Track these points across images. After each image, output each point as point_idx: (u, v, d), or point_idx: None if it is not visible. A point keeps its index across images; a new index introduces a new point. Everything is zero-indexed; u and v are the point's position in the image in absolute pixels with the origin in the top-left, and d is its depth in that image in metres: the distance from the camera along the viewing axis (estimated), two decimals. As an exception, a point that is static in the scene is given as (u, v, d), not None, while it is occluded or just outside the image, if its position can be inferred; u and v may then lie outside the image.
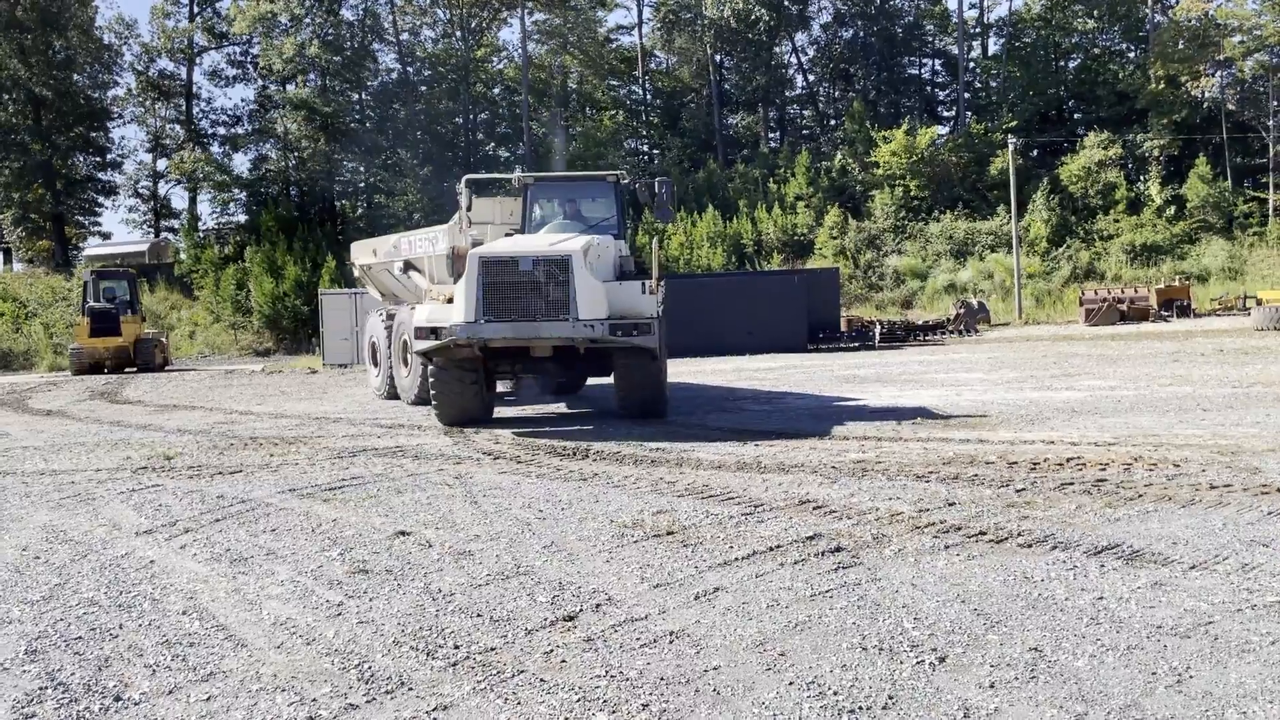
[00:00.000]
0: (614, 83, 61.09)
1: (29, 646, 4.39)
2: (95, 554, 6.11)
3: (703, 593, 4.84)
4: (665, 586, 4.96)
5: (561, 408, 14.25)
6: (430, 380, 11.75)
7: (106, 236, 58.38)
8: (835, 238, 45.00)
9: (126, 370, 29.92)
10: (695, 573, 5.18)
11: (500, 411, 13.29)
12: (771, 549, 5.59)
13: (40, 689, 3.90)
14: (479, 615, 4.63)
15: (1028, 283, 39.98)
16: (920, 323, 33.16)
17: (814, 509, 6.57)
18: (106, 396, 20.20)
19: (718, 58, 57.04)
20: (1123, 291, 35.73)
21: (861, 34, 57.48)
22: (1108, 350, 21.87)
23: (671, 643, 4.19)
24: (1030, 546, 5.43)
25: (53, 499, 8.04)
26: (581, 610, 4.64)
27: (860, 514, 6.36)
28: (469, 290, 10.57)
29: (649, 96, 61.20)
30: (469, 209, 13.19)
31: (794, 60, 60.37)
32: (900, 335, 30.88)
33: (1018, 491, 6.89)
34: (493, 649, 4.18)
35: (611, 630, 4.35)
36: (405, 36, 56.03)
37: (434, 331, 10.88)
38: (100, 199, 57.90)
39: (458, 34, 55.43)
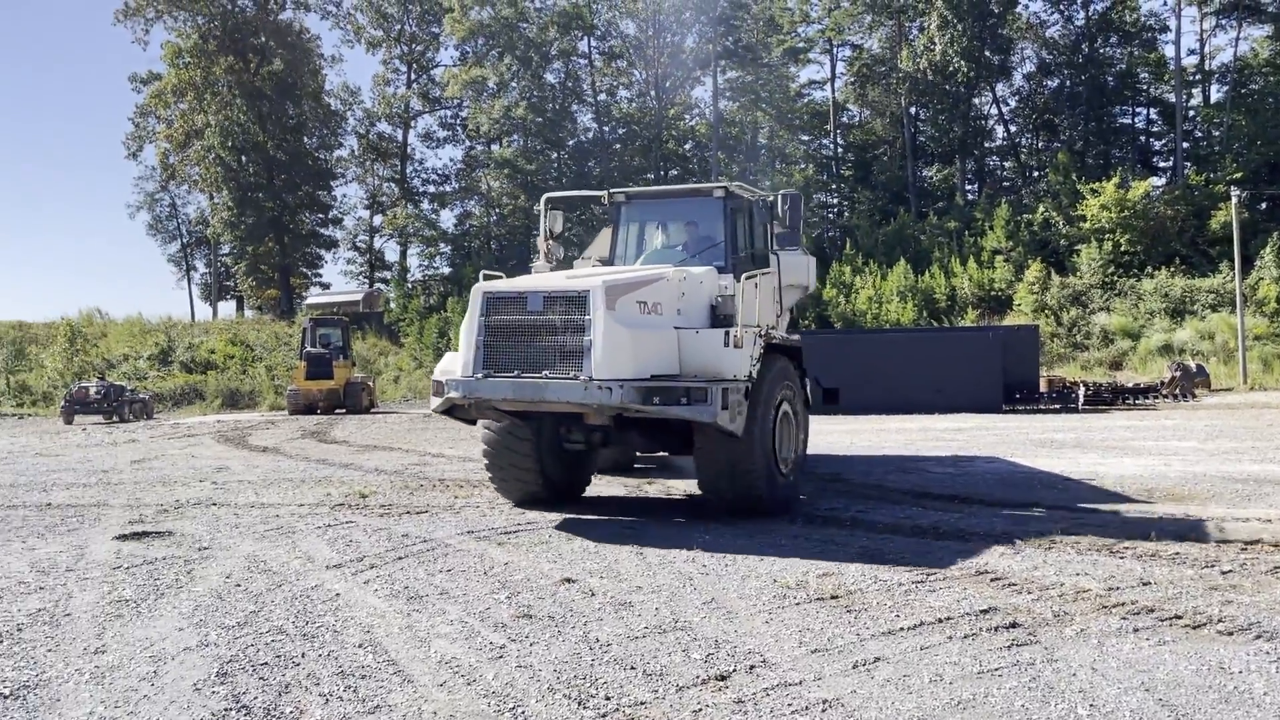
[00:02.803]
0: (805, 137, 61.12)
1: (220, 669, 4.74)
2: (289, 584, 6.54)
3: (862, 661, 4.68)
4: (823, 652, 4.84)
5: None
6: (482, 445, 9.74)
7: (326, 286, 63.05)
8: (1036, 293, 42.98)
9: (336, 411, 31.98)
10: (856, 640, 5.03)
11: (670, 481, 13.33)
12: (940, 620, 5.36)
13: (225, 709, 4.20)
14: (633, 668, 4.65)
15: (1254, 345, 36.82)
16: (1130, 385, 31.10)
17: (991, 580, 6.26)
18: (316, 436, 21.65)
19: (912, 109, 56.10)
20: (1367, 356, 32.36)
21: (1068, 83, 55.20)
22: (1346, 421, 19.82)
23: (824, 711, 4.07)
24: (1231, 634, 4.97)
25: (258, 530, 8.67)
26: (735, 670, 4.59)
27: (1042, 589, 6.01)
28: (468, 335, 8.45)
29: (840, 150, 60.84)
30: (555, 235, 10.83)
31: (994, 111, 58.63)
32: (1107, 398, 29.03)
33: (1223, 573, 6.33)
34: (643, 703, 4.19)
35: (763, 693, 4.28)
36: (602, 97, 58.14)
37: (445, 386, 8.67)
38: (322, 252, 62.80)
39: (652, 93, 57.02)
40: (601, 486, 11.25)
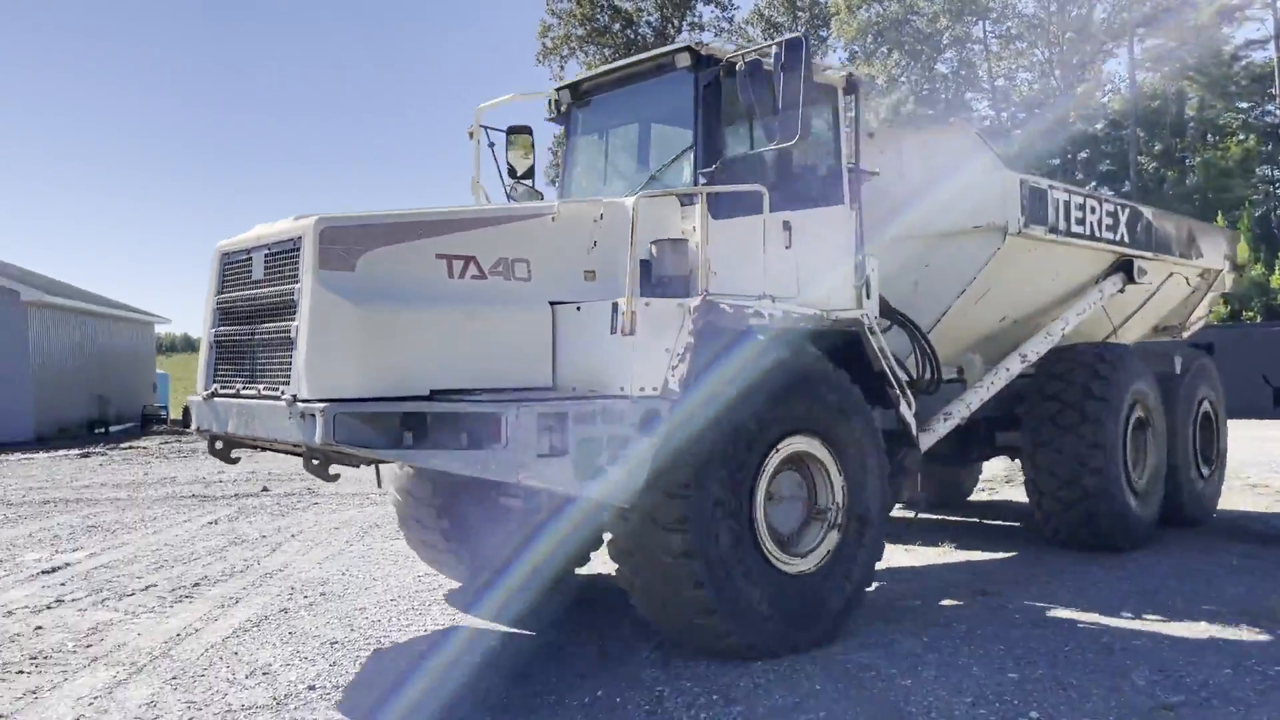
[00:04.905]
0: (1243, 105, 53.76)
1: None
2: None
3: (1343, 706, 4.11)
4: (1291, 691, 4.31)
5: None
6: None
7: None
8: None
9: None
10: (1335, 681, 4.42)
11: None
12: None
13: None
14: (1066, 689, 4.42)
15: None
16: None
17: None
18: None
19: (1387, 59, 47.29)
20: None
21: None
22: None
23: (1297, 758, 3.64)
24: None
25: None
26: (1184, 702, 4.22)
27: None
28: (206, 324, 5.38)
29: (1290, 115, 52.78)
30: (518, 175, 6.51)
31: None
32: None
33: None
34: (1077, 727, 3.99)
35: (1218, 730, 3.91)
36: (1000, 82, 55.20)
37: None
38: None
39: (1056, 72, 53.19)
40: (1012, 490, 10.68)
